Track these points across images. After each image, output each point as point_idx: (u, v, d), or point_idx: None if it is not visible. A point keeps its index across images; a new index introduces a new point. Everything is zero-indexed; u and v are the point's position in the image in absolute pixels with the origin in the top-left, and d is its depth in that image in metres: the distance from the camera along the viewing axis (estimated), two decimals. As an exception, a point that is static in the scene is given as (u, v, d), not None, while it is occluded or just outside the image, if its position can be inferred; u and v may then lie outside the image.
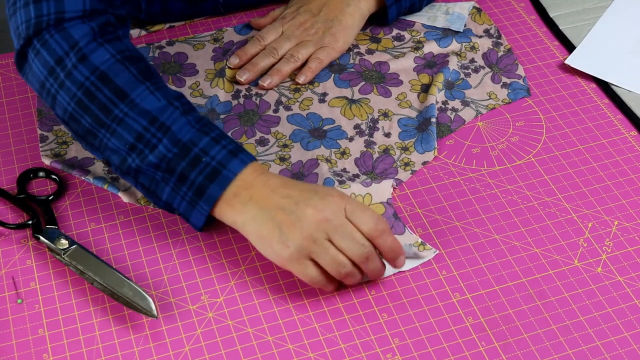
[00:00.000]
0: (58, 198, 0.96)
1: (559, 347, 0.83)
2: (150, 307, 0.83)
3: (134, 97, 0.87)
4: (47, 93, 0.90)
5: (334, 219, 0.84)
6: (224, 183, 0.85)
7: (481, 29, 1.17)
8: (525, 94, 1.08)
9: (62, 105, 0.89)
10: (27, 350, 0.83)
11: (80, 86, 0.88)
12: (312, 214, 0.83)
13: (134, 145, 0.87)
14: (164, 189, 0.87)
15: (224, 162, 0.86)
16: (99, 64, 0.88)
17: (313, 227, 0.83)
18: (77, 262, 0.87)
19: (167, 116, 0.87)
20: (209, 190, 0.85)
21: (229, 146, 0.87)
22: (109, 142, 0.88)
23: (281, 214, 0.83)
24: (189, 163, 0.86)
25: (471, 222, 0.94)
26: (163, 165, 0.86)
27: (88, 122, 0.88)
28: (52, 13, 0.89)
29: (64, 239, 0.89)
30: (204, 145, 0.86)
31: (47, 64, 0.89)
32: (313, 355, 0.83)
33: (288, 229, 0.83)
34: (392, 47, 1.15)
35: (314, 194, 0.85)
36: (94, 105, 0.88)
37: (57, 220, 0.93)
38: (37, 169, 0.98)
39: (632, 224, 0.94)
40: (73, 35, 0.88)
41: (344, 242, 0.83)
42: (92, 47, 0.88)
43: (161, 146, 0.86)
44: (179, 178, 0.86)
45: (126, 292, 0.84)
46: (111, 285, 0.85)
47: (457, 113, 1.06)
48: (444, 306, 0.86)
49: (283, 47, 1.11)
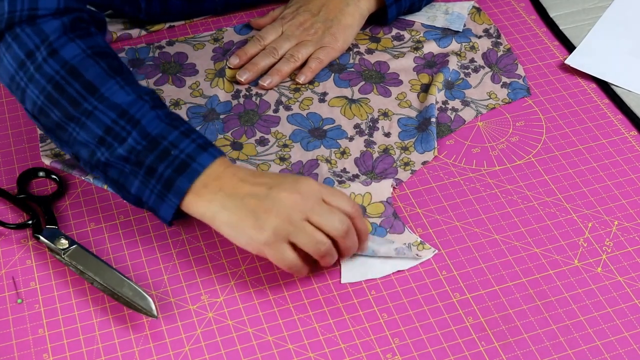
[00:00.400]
0: (58, 198, 0.96)
1: (559, 347, 0.83)
2: (150, 307, 0.83)
3: (104, 92, 0.87)
4: (17, 87, 0.90)
5: (310, 199, 0.84)
6: (192, 175, 0.85)
7: (481, 29, 1.17)
8: (525, 94, 1.08)
9: (32, 99, 0.89)
10: (27, 350, 0.83)
11: (50, 80, 0.88)
12: (287, 196, 0.83)
13: (103, 138, 0.87)
14: (133, 182, 0.87)
15: (193, 155, 0.86)
16: (69, 58, 0.88)
17: (289, 209, 0.83)
18: (77, 262, 0.87)
19: (137, 110, 0.87)
20: (178, 182, 0.85)
21: (198, 140, 0.87)
22: (78, 135, 0.88)
23: (254, 200, 0.83)
24: (158, 156, 0.86)
25: (471, 222, 0.94)
26: (132, 158, 0.86)
27: (57, 115, 0.88)
28: (25, 9, 0.89)
29: (64, 239, 0.89)
30: (173, 138, 0.86)
31: (18, 57, 0.89)
32: (313, 355, 0.83)
33: (263, 213, 0.83)
34: (391, 47, 1.15)
35: (286, 178, 0.86)
36: (63, 99, 0.88)
37: (57, 220, 0.93)
38: (37, 169, 0.98)
39: (632, 224, 0.94)
40: (44, 30, 0.89)
41: (322, 218, 0.84)
42: (62, 42, 0.89)
43: (130, 139, 0.86)
44: (148, 171, 0.86)
45: (126, 292, 0.84)
46: (111, 285, 0.85)
47: (457, 113, 1.06)
48: (444, 306, 0.86)
49: (283, 47, 1.11)
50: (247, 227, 0.83)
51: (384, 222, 0.93)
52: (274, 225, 0.82)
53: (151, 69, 1.11)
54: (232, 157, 1.00)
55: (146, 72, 1.11)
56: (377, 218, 0.94)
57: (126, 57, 1.13)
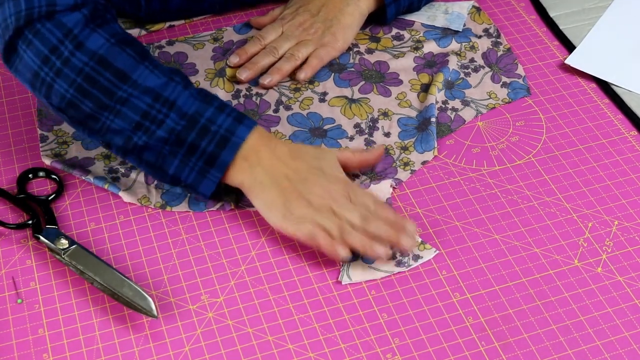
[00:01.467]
0: (58, 198, 0.96)
1: (559, 347, 0.83)
2: (150, 307, 0.83)
3: (136, 78, 0.89)
4: (42, 83, 0.90)
5: (338, 199, 0.89)
6: (234, 149, 0.90)
7: (480, 29, 1.17)
8: (525, 94, 1.08)
9: (60, 93, 0.90)
10: (27, 351, 0.83)
11: (79, 72, 0.89)
12: (319, 192, 0.89)
13: (140, 123, 0.89)
14: (172, 162, 0.90)
15: (232, 129, 0.90)
16: (96, 48, 0.89)
17: (318, 203, 0.89)
18: (77, 262, 0.87)
19: (171, 91, 0.90)
20: (221, 157, 0.89)
21: (233, 113, 0.91)
22: (112, 123, 0.89)
23: (288, 183, 0.90)
24: (198, 133, 0.89)
25: (471, 222, 0.94)
26: (172, 138, 0.89)
27: (89, 106, 0.89)
28: (43, 5, 0.89)
29: (64, 239, 0.89)
30: (210, 115, 0.90)
31: (41, 53, 0.89)
32: (313, 355, 0.83)
33: (295, 199, 0.89)
34: (391, 47, 1.15)
35: (322, 174, 0.91)
36: (95, 90, 0.89)
37: (57, 220, 0.93)
38: (37, 169, 0.98)
39: (632, 224, 0.94)
40: (66, 24, 0.89)
41: (346, 210, 0.89)
42: (86, 34, 0.89)
43: (169, 120, 0.89)
44: (189, 149, 0.89)
45: (126, 292, 0.84)
46: (111, 285, 0.85)
47: (457, 113, 1.06)
48: (444, 306, 0.86)
49: (283, 46, 1.11)
50: (278, 206, 0.89)
51: (384, 222, 0.93)
52: (302, 212, 0.89)
53: (151, 69, 1.11)
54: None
55: (146, 72, 1.11)
56: (377, 218, 0.94)
57: (126, 57, 1.13)
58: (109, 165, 0.99)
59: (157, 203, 0.95)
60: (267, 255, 0.91)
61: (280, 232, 0.91)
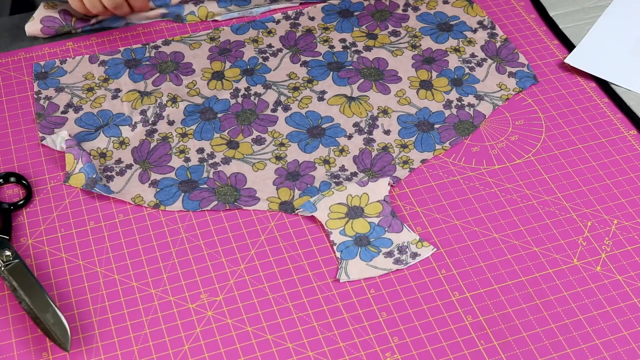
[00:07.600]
0: (27, 204, 0.94)
1: (558, 346, 0.83)
2: (65, 339, 0.80)
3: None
4: None
5: None
6: None
7: (474, 21, 1.18)
8: (533, 81, 1.09)
9: None
10: (26, 350, 0.83)
11: None
12: None
13: None
14: None
15: None
16: None
17: None
18: (13, 277, 0.85)
19: None
20: None
21: None
22: None
23: None
24: None
25: (470, 220, 0.94)
26: None
27: None
28: None
29: (8, 251, 0.87)
30: None
31: None
32: (312, 354, 0.83)
33: None
34: (389, 43, 1.15)
35: None
36: None
37: (11, 230, 0.90)
38: (9, 174, 0.96)
39: (632, 223, 0.94)
40: None
41: None
42: None
43: None
44: None
45: (48, 318, 0.81)
46: (36, 308, 0.82)
47: (474, 108, 1.06)
48: (443, 305, 0.86)
49: None
50: None
51: (382, 221, 0.93)
52: None
53: (148, 69, 1.11)
54: (228, 156, 1.00)
55: (143, 73, 1.11)
56: (375, 217, 0.94)
57: (122, 58, 1.13)
58: (104, 164, 0.99)
59: (150, 202, 0.95)
60: (267, 254, 0.91)
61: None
